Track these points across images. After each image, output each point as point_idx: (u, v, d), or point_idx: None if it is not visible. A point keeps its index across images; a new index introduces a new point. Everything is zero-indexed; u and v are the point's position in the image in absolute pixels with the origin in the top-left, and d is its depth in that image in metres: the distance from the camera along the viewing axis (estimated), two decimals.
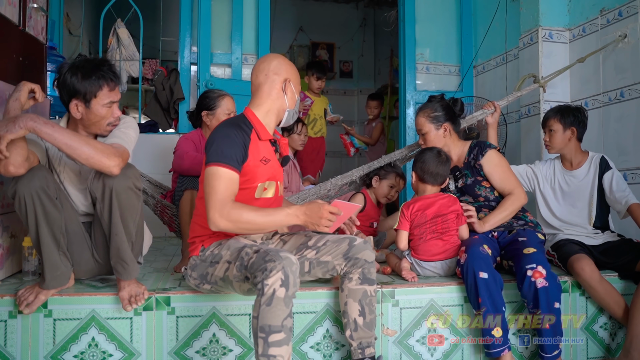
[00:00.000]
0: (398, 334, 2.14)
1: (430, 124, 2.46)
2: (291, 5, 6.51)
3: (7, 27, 2.15)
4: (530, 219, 2.41)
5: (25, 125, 1.63)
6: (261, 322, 1.55)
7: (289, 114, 1.97)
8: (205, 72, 3.93)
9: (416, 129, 2.55)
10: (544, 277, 2.01)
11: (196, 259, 1.91)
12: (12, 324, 1.91)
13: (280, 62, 1.94)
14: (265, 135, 1.92)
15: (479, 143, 2.47)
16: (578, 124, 2.56)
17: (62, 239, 1.87)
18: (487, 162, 2.39)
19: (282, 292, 1.55)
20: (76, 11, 5.01)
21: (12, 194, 1.75)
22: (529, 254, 2.11)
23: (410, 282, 2.19)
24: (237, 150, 1.79)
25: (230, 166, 1.75)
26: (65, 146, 1.68)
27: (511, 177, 2.40)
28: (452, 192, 2.48)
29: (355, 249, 1.92)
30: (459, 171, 2.48)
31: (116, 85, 1.87)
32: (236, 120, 1.89)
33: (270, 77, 1.91)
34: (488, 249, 2.19)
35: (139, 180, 1.86)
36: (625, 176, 2.81)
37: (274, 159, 1.96)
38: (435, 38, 4.31)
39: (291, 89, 1.95)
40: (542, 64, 3.22)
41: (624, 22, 2.87)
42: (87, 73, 1.80)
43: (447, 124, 2.46)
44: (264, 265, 1.58)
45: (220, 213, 1.71)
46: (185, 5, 4.14)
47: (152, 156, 3.82)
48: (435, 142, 2.46)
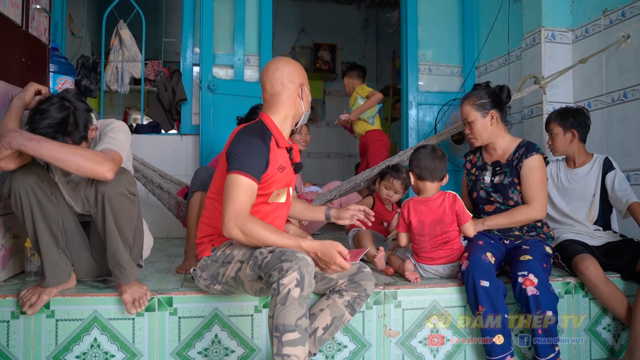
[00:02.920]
0: (400, 335, 2.13)
1: (476, 111, 2.37)
2: (293, 6, 6.52)
3: (10, 28, 2.15)
4: (545, 231, 2.36)
5: (9, 145, 1.61)
6: (276, 321, 1.56)
7: (305, 116, 2.02)
8: (208, 73, 3.94)
9: (462, 119, 2.46)
10: (535, 286, 1.99)
11: (207, 259, 1.90)
12: (15, 325, 1.91)
13: (292, 68, 1.96)
14: (283, 143, 1.94)
15: (529, 143, 2.37)
16: (579, 126, 2.56)
17: (60, 235, 1.87)
18: (527, 165, 2.32)
19: (296, 292, 1.55)
20: (79, 12, 5.02)
21: (8, 191, 1.76)
22: (523, 260, 2.08)
23: (413, 282, 2.19)
24: (260, 161, 1.80)
25: (251, 176, 1.76)
26: (54, 159, 1.65)
27: (540, 187, 2.31)
28: (486, 185, 2.42)
29: (362, 275, 1.93)
30: (499, 167, 2.40)
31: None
32: (258, 128, 1.90)
33: (287, 85, 1.93)
34: (491, 256, 2.16)
35: (132, 185, 1.85)
36: (628, 177, 2.81)
37: (289, 165, 1.97)
38: (438, 39, 4.31)
39: (306, 93, 1.98)
40: (545, 64, 3.22)
41: (627, 23, 2.86)
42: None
43: (494, 112, 2.37)
44: (280, 265, 1.58)
45: (235, 222, 1.71)
46: (188, 6, 4.14)
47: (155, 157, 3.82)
48: (482, 131, 2.38)
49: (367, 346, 2.11)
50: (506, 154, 2.40)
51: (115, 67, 4.45)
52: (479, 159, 2.52)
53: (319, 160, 6.47)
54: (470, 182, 2.54)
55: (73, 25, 4.91)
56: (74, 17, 4.90)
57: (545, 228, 2.37)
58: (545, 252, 2.21)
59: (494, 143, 2.41)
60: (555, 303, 2.02)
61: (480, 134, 2.39)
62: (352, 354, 2.10)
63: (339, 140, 6.64)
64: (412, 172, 2.32)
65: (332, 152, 6.57)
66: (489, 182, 2.42)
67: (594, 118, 3.07)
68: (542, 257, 2.15)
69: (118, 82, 4.42)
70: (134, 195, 1.86)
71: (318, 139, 6.42)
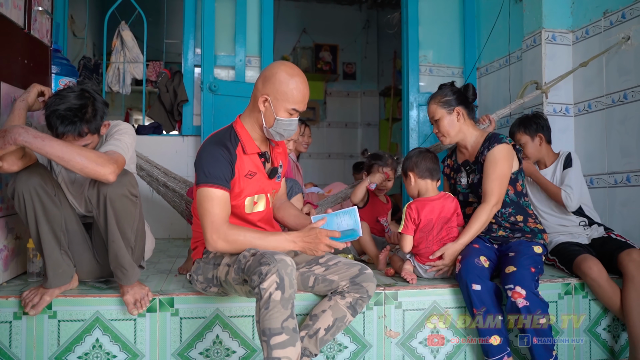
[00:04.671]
0: (401, 336, 2.14)
1: (442, 109, 2.36)
2: (294, 7, 6.52)
3: (12, 30, 2.16)
4: (531, 227, 2.30)
5: (15, 141, 1.63)
6: (262, 325, 1.56)
7: (268, 133, 1.88)
8: (209, 74, 3.94)
9: (429, 118, 2.44)
10: (524, 297, 1.96)
11: (200, 262, 1.92)
12: (17, 325, 1.92)
13: (271, 75, 1.81)
14: (251, 149, 1.88)
15: (493, 135, 2.31)
16: (542, 129, 2.68)
17: (62, 237, 1.89)
18: (487, 157, 2.25)
19: (278, 294, 1.55)
20: (80, 13, 5.03)
21: (11, 192, 1.77)
22: (509, 273, 2.05)
23: (410, 283, 2.19)
24: (224, 169, 1.78)
25: (220, 186, 1.76)
26: (58, 158, 1.66)
27: (497, 181, 2.22)
28: (463, 187, 2.40)
29: (364, 276, 1.93)
30: (469, 165, 2.38)
31: (67, 135, 1.79)
32: (223, 136, 1.86)
33: (258, 89, 1.84)
34: (485, 260, 2.14)
35: (134, 187, 1.86)
36: (628, 178, 2.81)
37: (261, 171, 1.91)
38: (439, 40, 4.31)
39: (269, 108, 1.82)
40: (545, 66, 3.22)
41: (627, 24, 2.86)
42: (56, 117, 1.78)
43: (459, 108, 2.35)
44: (259, 269, 1.58)
45: (217, 234, 1.72)
46: (189, 7, 4.15)
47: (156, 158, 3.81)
48: (449, 128, 2.35)
49: (368, 347, 2.12)
50: (475, 151, 2.37)
51: (116, 68, 4.46)
52: (455, 161, 2.50)
53: (320, 161, 6.47)
54: (450, 186, 2.53)
55: (75, 27, 4.93)
56: (75, 19, 4.92)
57: (530, 222, 2.31)
58: (532, 254, 2.15)
59: (464, 140, 2.40)
60: (546, 309, 1.99)
61: (447, 131, 2.37)
62: (352, 355, 2.10)
63: (340, 141, 6.65)
64: (412, 173, 2.31)
65: (333, 153, 6.57)
66: (465, 184, 2.41)
67: (594, 119, 3.08)
68: (529, 262, 2.09)
69: (119, 83, 4.43)
70: (136, 197, 1.87)
71: (319, 139, 6.42)
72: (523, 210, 2.32)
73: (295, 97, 1.81)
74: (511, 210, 2.30)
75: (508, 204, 2.30)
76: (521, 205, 2.33)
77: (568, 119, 3.25)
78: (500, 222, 2.31)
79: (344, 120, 6.78)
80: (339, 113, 6.77)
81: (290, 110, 1.82)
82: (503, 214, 2.30)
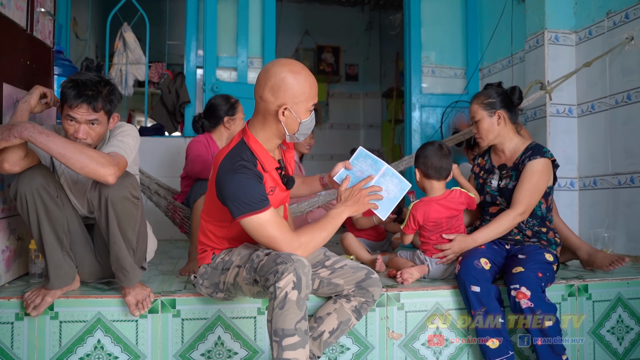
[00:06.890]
0: (403, 338, 2.13)
1: (483, 110, 2.30)
2: (297, 8, 6.53)
3: (15, 31, 2.16)
4: (550, 237, 2.27)
5: (20, 134, 1.64)
6: (275, 325, 1.53)
7: (291, 138, 1.80)
8: (211, 76, 3.95)
9: (470, 117, 2.41)
10: (528, 298, 1.95)
11: (207, 267, 1.88)
12: (19, 326, 1.92)
13: (281, 80, 1.68)
14: (269, 165, 1.79)
15: (537, 146, 2.28)
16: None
17: (64, 238, 1.88)
18: (527, 167, 2.22)
19: (294, 294, 1.52)
20: (83, 15, 5.05)
21: (14, 193, 1.77)
22: (515, 273, 2.04)
23: (402, 284, 2.18)
24: (258, 189, 1.69)
25: (263, 208, 1.67)
26: (60, 155, 1.66)
27: (529, 192, 2.20)
28: (493, 189, 2.37)
29: (370, 281, 1.91)
30: (506, 170, 2.34)
31: (81, 104, 1.79)
32: (240, 158, 1.72)
33: (267, 98, 1.69)
34: (486, 262, 2.12)
35: (136, 189, 1.86)
36: (632, 179, 2.80)
37: (279, 184, 1.86)
38: (441, 41, 4.31)
39: (291, 115, 1.71)
40: (548, 66, 3.21)
41: (631, 25, 2.85)
42: (74, 85, 1.81)
43: (501, 112, 2.29)
44: (275, 268, 1.55)
45: (295, 251, 1.67)
46: (191, 8, 4.16)
47: (159, 159, 3.84)
48: (488, 131, 2.31)
49: (370, 348, 2.11)
50: (514, 157, 2.33)
51: (119, 69, 4.48)
52: (487, 161, 2.47)
53: (323, 162, 6.46)
54: (478, 185, 2.51)
55: (77, 28, 4.94)
56: (78, 20, 4.93)
57: (550, 234, 2.30)
58: (543, 260, 2.13)
59: (502, 144, 2.36)
60: (552, 310, 1.98)
61: (486, 134, 2.33)
62: (355, 357, 2.09)
63: (342, 143, 6.64)
64: (418, 169, 2.31)
65: (335, 155, 6.56)
66: (495, 187, 2.36)
67: (598, 120, 3.07)
68: (538, 267, 2.07)
69: (122, 84, 4.44)
70: (138, 198, 1.87)
71: (322, 140, 6.42)
72: (547, 224, 2.32)
73: (312, 92, 1.74)
74: (537, 222, 2.29)
75: (538, 216, 2.29)
76: (548, 219, 2.32)
77: (571, 120, 3.25)
78: (522, 229, 2.29)
79: (347, 122, 6.79)
80: (341, 114, 6.77)
81: (310, 107, 1.76)
82: (528, 223, 2.29)
